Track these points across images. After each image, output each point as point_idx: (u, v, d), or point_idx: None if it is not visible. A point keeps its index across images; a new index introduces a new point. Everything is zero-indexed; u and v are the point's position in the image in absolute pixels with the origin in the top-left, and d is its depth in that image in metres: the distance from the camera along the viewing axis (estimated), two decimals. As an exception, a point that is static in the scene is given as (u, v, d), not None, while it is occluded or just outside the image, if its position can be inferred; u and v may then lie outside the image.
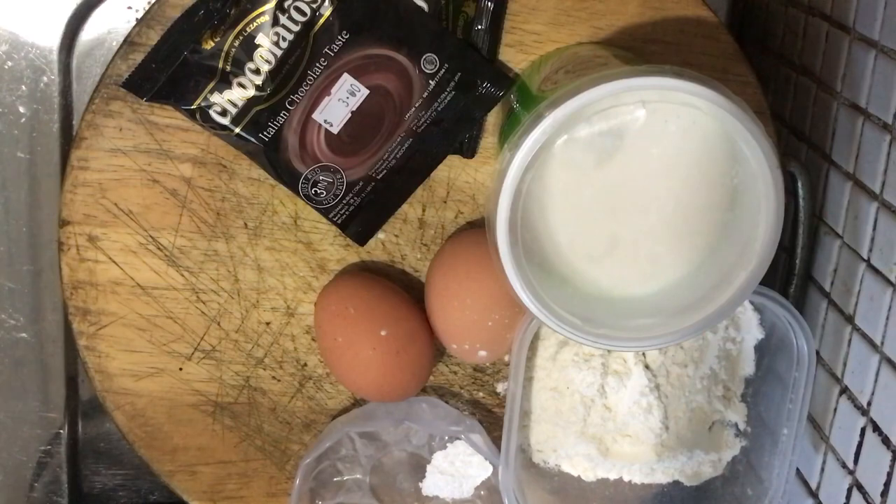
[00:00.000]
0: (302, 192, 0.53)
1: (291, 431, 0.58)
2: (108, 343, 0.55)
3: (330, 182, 0.52)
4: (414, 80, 0.51)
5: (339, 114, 0.51)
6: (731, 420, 0.57)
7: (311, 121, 0.51)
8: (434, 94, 0.51)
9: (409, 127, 0.52)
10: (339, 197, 0.53)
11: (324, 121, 0.51)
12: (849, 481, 0.50)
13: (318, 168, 0.52)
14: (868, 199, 0.50)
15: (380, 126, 0.52)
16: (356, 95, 0.51)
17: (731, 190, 0.45)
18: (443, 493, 0.57)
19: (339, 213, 0.54)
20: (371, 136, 0.52)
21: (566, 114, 0.41)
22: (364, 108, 0.51)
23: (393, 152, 0.52)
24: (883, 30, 0.49)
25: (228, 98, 0.50)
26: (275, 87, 0.50)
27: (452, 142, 0.53)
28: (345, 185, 0.52)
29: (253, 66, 0.50)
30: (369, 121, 0.52)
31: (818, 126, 0.57)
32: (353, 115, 0.51)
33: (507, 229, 0.43)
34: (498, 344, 0.54)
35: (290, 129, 0.51)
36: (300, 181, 0.52)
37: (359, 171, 0.52)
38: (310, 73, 0.50)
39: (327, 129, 0.51)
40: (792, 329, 0.53)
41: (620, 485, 0.56)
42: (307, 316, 0.56)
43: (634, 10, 0.52)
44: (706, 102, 0.42)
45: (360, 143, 0.52)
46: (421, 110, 0.52)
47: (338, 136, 0.51)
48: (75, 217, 0.54)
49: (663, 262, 0.46)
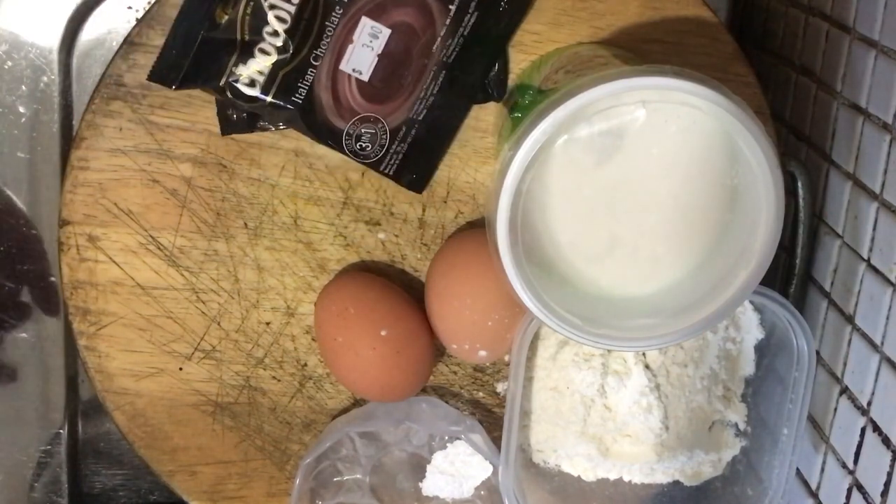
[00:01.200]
0: (348, 149, 0.51)
1: (291, 431, 0.58)
2: (108, 343, 0.55)
3: (373, 133, 0.51)
4: (433, 9, 0.50)
5: (367, 60, 0.50)
6: (732, 420, 0.57)
7: (340, 73, 0.50)
8: (457, 19, 0.50)
9: (440, 59, 0.51)
10: (386, 147, 0.51)
11: (352, 70, 0.50)
12: (849, 481, 0.50)
13: (357, 121, 0.50)
14: (868, 198, 0.50)
15: (409, 64, 0.50)
16: (379, 37, 0.50)
17: (731, 190, 0.45)
18: (443, 493, 0.57)
19: (389, 164, 0.52)
20: (403, 76, 0.50)
21: (566, 114, 0.41)
22: (390, 50, 0.50)
23: (429, 89, 0.51)
24: (883, 30, 0.49)
25: (254, 68, 0.49)
26: (296, 46, 0.49)
27: (486, 67, 0.52)
28: (388, 133, 0.51)
29: (270, 29, 0.48)
30: (398, 61, 0.50)
31: (818, 126, 0.56)
32: (380, 59, 0.50)
33: (508, 229, 0.43)
34: (498, 344, 0.54)
35: (321, 86, 0.50)
36: (343, 138, 0.51)
37: (399, 115, 0.51)
38: (328, 23, 0.49)
39: (358, 78, 0.50)
40: (792, 329, 0.53)
41: (620, 485, 0.56)
42: (307, 316, 0.56)
43: (635, 10, 0.52)
44: (706, 102, 0.42)
45: (393, 86, 0.51)
46: (447, 38, 0.50)
47: (369, 83, 0.50)
48: (75, 217, 0.54)
49: (663, 262, 0.46)
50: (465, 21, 0.51)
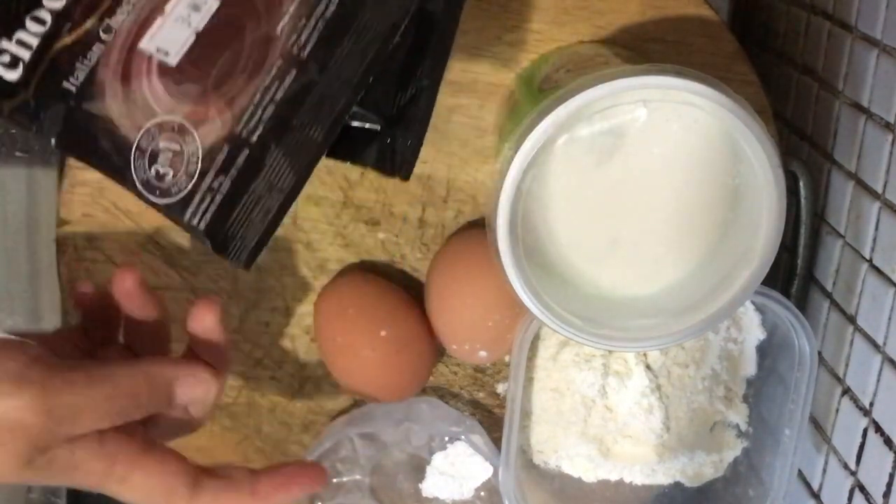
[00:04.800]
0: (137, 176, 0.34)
1: (290, 432, 0.58)
2: (106, 343, 0.55)
3: (177, 151, 0.33)
4: None
5: (179, 38, 0.35)
6: (733, 421, 0.56)
7: (139, 53, 0.35)
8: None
9: (287, 49, 0.34)
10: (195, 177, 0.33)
11: (156, 49, 0.35)
12: (851, 482, 0.50)
13: (155, 128, 0.34)
14: (870, 198, 0.50)
15: (240, 48, 0.34)
16: (202, 10, 0.35)
17: (733, 189, 0.44)
18: (443, 495, 0.57)
19: (199, 208, 0.34)
20: (228, 65, 0.34)
21: (567, 113, 0.41)
22: (215, 27, 0.35)
23: (268, 94, 0.34)
24: (885, 29, 0.49)
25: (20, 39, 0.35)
26: (81, 12, 0.35)
27: (368, 71, 0.34)
28: (199, 153, 0.33)
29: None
30: (224, 43, 0.35)
31: (820, 125, 0.56)
32: (198, 39, 0.35)
33: (508, 229, 0.43)
34: (498, 344, 0.54)
35: (108, 70, 0.35)
36: (132, 156, 0.34)
37: (218, 126, 0.34)
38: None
39: (162, 62, 0.35)
40: (794, 329, 0.52)
41: (621, 486, 0.56)
42: (306, 316, 0.56)
43: (636, 8, 0.52)
44: (707, 102, 0.42)
45: (213, 78, 0.34)
46: (300, 18, 0.34)
47: (178, 68, 0.34)
48: (74, 217, 0.53)
49: (664, 262, 0.46)
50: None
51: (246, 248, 0.35)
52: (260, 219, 0.35)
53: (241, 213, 0.35)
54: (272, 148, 0.34)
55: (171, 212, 0.35)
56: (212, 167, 0.34)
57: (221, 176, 0.34)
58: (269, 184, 0.34)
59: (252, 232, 0.35)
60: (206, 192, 0.34)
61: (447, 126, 0.53)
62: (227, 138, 0.34)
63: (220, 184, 0.34)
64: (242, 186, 0.34)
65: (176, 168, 0.34)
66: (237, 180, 0.34)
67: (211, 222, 0.34)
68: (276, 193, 0.34)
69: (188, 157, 0.34)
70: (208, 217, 0.35)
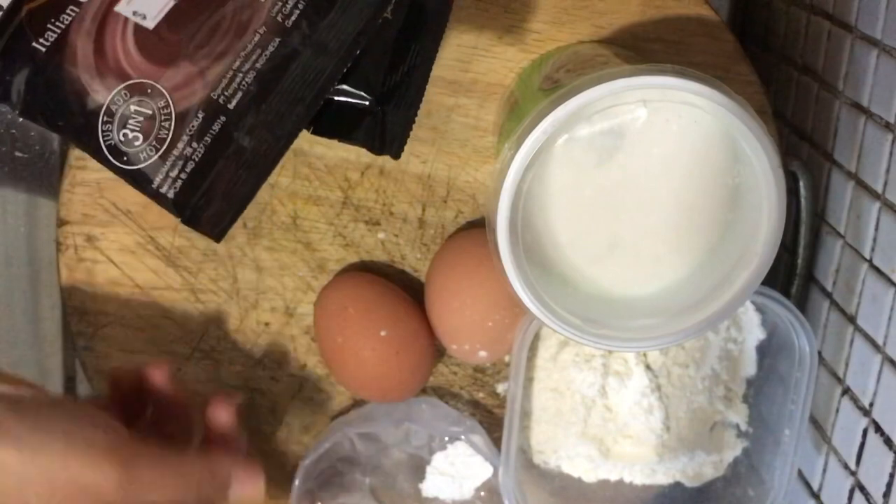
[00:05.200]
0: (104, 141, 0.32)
1: (290, 432, 0.58)
2: (106, 343, 0.55)
3: (148, 115, 0.31)
4: None
5: (157, 1, 0.33)
6: (733, 421, 0.56)
7: (115, 16, 0.33)
8: None
9: (272, 16, 0.33)
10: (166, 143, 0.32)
11: (133, 13, 0.33)
12: (851, 482, 0.50)
13: (125, 90, 0.32)
14: (870, 198, 0.49)
15: (222, 13, 0.33)
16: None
17: (733, 189, 0.44)
18: (443, 495, 0.57)
19: (169, 177, 0.33)
20: (209, 30, 0.33)
21: (567, 113, 0.41)
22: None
23: (249, 60, 0.33)
24: (885, 29, 0.49)
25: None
26: None
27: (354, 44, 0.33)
28: (172, 118, 0.32)
29: None
30: (205, 8, 0.33)
31: (820, 125, 0.56)
32: (178, 2, 0.33)
33: (508, 229, 0.43)
34: (498, 344, 0.54)
35: (82, 32, 0.33)
36: (100, 118, 0.32)
37: (193, 91, 0.32)
38: None
39: (139, 25, 0.33)
40: (794, 329, 0.52)
41: (621, 486, 0.56)
42: (306, 316, 0.56)
43: (636, 8, 0.52)
44: (707, 101, 0.42)
45: (190, 41, 0.33)
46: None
47: (155, 31, 0.33)
48: (73, 217, 0.53)
49: (664, 262, 0.46)
50: None
51: (217, 220, 0.33)
52: (234, 190, 0.33)
53: (213, 184, 0.33)
54: (250, 117, 0.32)
55: (137, 179, 0.33)
56: (184, 133, 0.32)
57: (194, 143, 0.32)
58: (246, 154, 0.33)
59: (225, 204, 0.33)
60: (178, 159, 0.33)
61: (447, 126, 0.53)
62: (203, 104, 0.32)
63: (193, 151, 0.32)
64: (216, 155, 0.32)
65: (146, 133, 0.32)
66: (211, 148, 0.32)
67: (180, 191, 0.33)
68: (252, 164, 0.33)
69: (160, 122, 0.32)
70: (178, 186, 0.33)
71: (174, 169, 0.33)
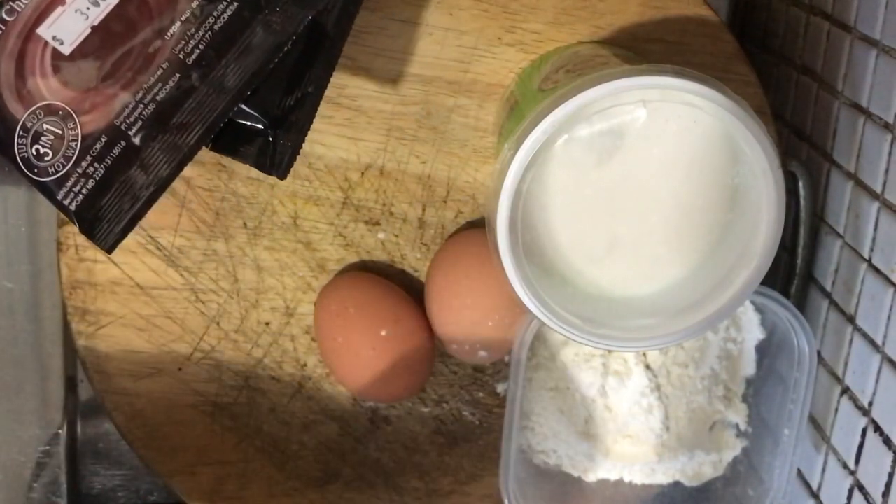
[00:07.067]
0: (19, 154, 0.37)
1: (291, 432, 0.58)
2: (107, 343, 0.55)
3: (58, 135, 0.36)
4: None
5: (75, 29, 0.38)
6: (732, 420, 0.57)
7: (36, 37, 0.38)
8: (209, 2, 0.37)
9: (175, 54, 0.37)
10: (72, 161, 0.36)
11: (52, 37, 0.38)
12: (850, 482, 0.50)
13: (40, 110, 0.37)
14: (869, 198, 0.50)
15: (130, 47, 0.37)
16: (101, 5, 0.38)
17: (732, 189, 0.44)
18: None
19: (72, 190, 0.37)
20: (118, 61, 0.37)
21: (567, 113, 0.41)
22: (110, 24, 0.38)
23: (151, 93, 0.37)
24: (884, 29, 0.49)
25: None
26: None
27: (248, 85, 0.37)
28: (79, 139, 0.37)
29: None
30: (116, 41, 0.38)
31: (819, 125, 0.56)
32: (94, 32, 0.38)
33: (508, 229, 0.43)
34: (498, 344, 0.54)
35: (5, 52, 0.37)
36: (16, 133, 0.37)
37: (99, 116, 0.37)
38: None
39: (56, 49, 0.38)
40: (793, 329, 0.52)
41: (621, 485, 0.56)
42: (307, 316, 0.56)
43: (635, 9, 0.52)
44: (707, 102, 0.42)
45: (101, 71, 0.37)
46: (189, 27, 0.37)
47: (70, 57, 0.37)
48: (74, 217, 0.53)
49: (664, 262, 0.46)
50: (220, 10, 0.38)
51: (112, 232, 0.38)
52: (128, 207, 0.38)
53: (111, 200, 0.38)
54: (148, 143, 0.37)
55: (45, 190, 0.38)
56: (88, 154, 0.37)
57: (96, 163, 0.37)
58: (142, 176, 0.38)
59: (120, 218, 0.38)
60: (81, 176, 0.37)
61: (447, 126, 0.53)
62: (107, 129, 0.37)
63: (95, 170, 0.37)
64: (115, 175, 0.37)
65: (55, 150, 0.37)
66: (111, 169, 0.37)
67: (81, 204, 0.38)
68: (147, 185, 0.38)
69: (68, 142, 0.37)
70: (79, 199, 0.38)
71: (77, 184, 0.38)
